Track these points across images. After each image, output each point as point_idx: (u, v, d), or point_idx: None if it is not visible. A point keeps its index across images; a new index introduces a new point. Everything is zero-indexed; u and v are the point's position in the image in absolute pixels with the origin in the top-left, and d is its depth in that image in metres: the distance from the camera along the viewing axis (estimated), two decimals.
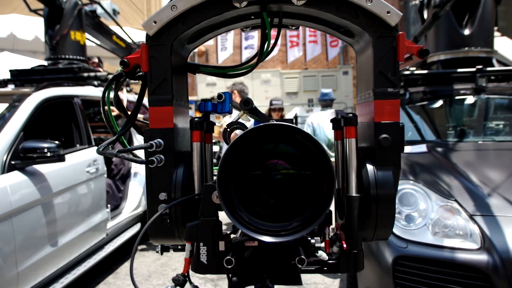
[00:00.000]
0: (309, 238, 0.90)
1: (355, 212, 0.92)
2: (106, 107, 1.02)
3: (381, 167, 0.94)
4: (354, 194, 0.93)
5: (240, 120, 1.10)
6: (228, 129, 1.09)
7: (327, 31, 1.07)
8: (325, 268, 0.94)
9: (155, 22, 0.90)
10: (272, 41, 1.05)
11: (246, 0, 0.90)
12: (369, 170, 0.94)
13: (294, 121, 0.97)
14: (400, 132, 0.94)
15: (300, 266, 0.82)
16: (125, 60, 0.92)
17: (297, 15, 1.02)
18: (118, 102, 1.05)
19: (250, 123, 1.10)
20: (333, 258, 0.94)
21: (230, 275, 0.90)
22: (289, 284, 0.88)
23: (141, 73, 0.99)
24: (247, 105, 0.92)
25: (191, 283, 0.93)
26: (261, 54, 1.03)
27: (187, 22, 0.92)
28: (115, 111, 1.24)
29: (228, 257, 0.83)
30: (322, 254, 0.92)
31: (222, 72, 1.09)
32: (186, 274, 0.91)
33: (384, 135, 0.93)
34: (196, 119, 0.97)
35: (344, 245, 0.93)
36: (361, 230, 0.93)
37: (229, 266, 0.83)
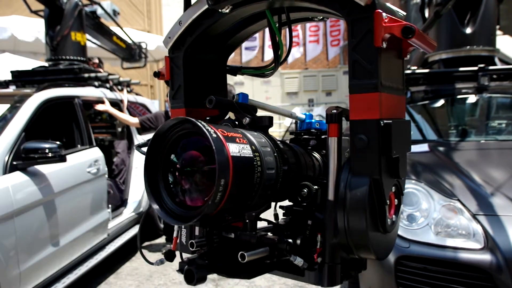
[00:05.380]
0: (276, 241, 0.85)
1: (327, 219, 0.85)
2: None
3: (356, 173, 0.81)
4: (330, 198, 0.85)
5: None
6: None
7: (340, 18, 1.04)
8: (300, 276, 0.89)
9: (169, 38, 1.04)
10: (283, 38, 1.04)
11: (230, 5, 0.93)
12: (343, 174, 0.84)
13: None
14: (383, 132, 0.79)
15: (240, 260, 0.80)
16: (156, 71, 1.09)
17: (302, 8, 0.99)
18: None
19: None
20: (312, 267, 0.87)
21: (201, 257, 0.90)
22: (235, 277, 0.90)
23: None
24: (210, 103, 0.92)
25: (182, 258, 0.98)
26: (276, 56, 1.03)
27: (193, 34, 1.02)
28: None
29: (192, 241, 0.88)
30: (297, 259, 0.84)
31: (260, 72, 1.13)
32: (173, 251, 1.02)
33: (359, 135, 0.80)
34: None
35: (315, 256, 0.85)
36: (334, 240, 0.85)
37: (192, 249, 0.88)
